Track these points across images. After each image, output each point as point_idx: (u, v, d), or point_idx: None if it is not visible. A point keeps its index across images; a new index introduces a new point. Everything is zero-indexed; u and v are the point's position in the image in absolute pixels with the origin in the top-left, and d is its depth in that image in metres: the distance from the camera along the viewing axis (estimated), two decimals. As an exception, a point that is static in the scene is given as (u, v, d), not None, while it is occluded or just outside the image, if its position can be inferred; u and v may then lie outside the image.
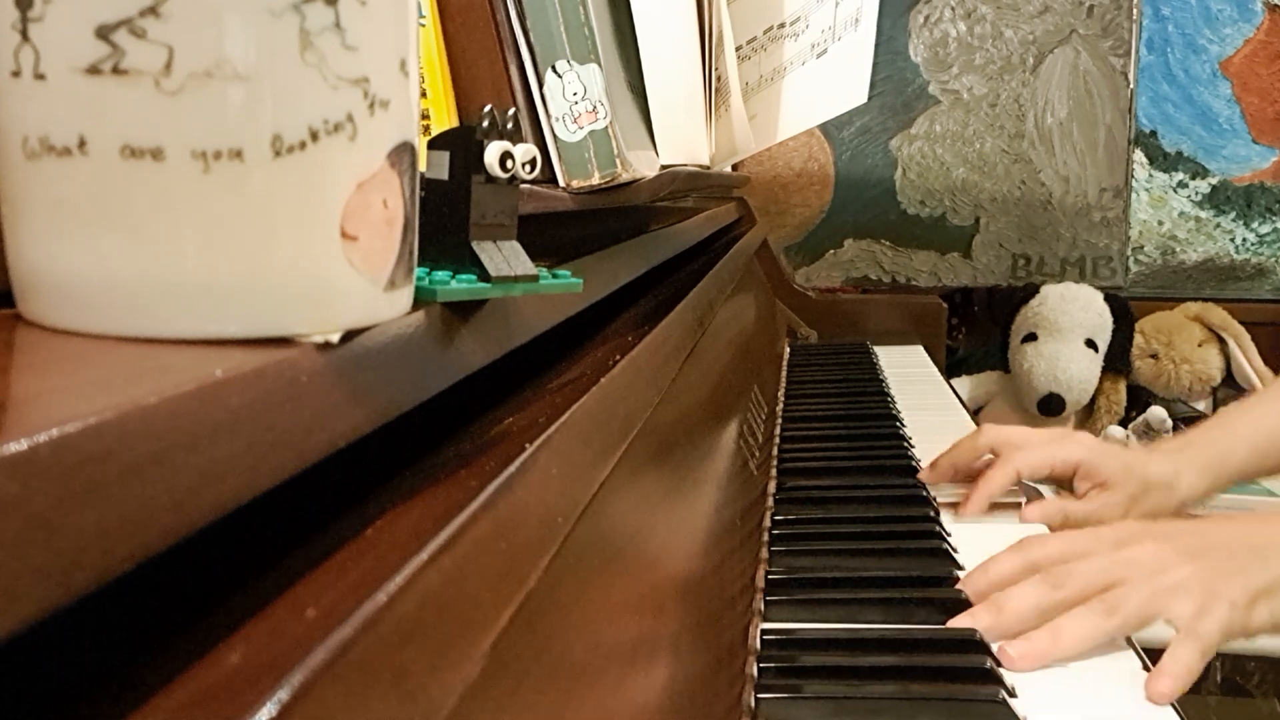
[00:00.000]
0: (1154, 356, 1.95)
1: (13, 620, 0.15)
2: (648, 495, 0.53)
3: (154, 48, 0.22)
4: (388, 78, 0.25)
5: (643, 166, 0.64)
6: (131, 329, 0.23)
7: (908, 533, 0.80)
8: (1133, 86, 2.07)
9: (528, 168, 0.33)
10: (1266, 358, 1.90)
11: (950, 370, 1.90)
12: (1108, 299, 1.92)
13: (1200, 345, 1.92)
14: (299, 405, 0.23)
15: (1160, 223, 2.12)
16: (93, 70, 0.22)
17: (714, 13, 0.95)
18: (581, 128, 0.59)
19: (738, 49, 1.19)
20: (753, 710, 0.54)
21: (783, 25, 1.19)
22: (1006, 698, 0.55)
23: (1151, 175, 2.11)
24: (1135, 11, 2.06)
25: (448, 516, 0.27)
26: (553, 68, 0.58)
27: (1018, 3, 2.08)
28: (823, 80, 1.15)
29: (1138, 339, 1.95)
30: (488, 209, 0.33)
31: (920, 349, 1.67)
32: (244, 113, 0.22)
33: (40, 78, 0.22)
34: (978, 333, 2.17)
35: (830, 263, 2.17)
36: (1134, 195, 2.11)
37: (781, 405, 1.22)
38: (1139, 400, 1.95)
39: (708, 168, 0.98)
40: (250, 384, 0.21)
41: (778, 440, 1.06)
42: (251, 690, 0.18)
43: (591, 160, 0.59)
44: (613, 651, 0.39)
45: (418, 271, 0.30)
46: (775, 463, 0.97)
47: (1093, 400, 1.92)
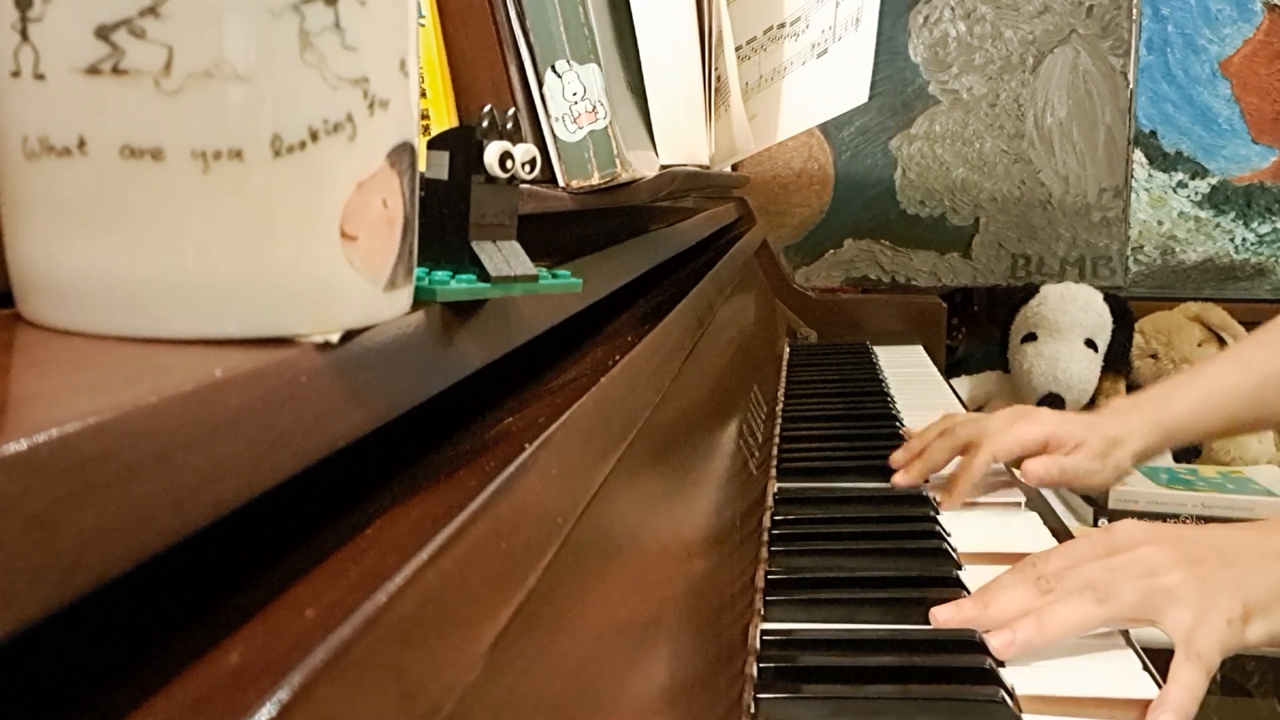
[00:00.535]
0: (1154, 356, 1.95)
1: (13, 620, 0.15)
2: (648, 495, 0.53)
3: (154, 48, 0.22)
4: (387, 78, 0.25)
5: (642, 166, 0.64)
6: (131, 329, 0.23)
7: (908, 533, 0.80)
8: (1132, 86, 2.07)
9: (527, 168, 0.33)
10: (1266, 358, 1.90)
11: (950, 370, 1.90)
12: (1107, 299, 1.92)
13: (1200, 345, 1.92)
14: (299, 405, 0.23)
15: (1160, 223, 2.13)
16: (92, 70, 0.22)
17: (714, 13, 0.95)
18: (581, 128, 0.59)
19: (738, 49, 1.19)
20: (752, 710, 0.54)
21: (783, 25, 1.19)
22: (1006, 698, 0.55)
23: (1151, 175, 2.11)
24: (1135, 11, 2.06)
25: (448, 516, 0.27)
26: (552, 68, 0.58)
27: (1017, 3, 2.08)
28: (823, 80, 1.15)
29: (1137, 339, 1.95)
30: (487, 209, 0.33)
31: (920, 349, 1.67)
32: (244, 113, 0.22)
33: (40, 78, 0.22)
34: (977, 333, 2.17)
35: (830, 263, 2.17)
36: (1134, 195, 2.11)
37: (781, 405, 1.22)
38: (1139, 400, 1.95)
39: (707, 168, 0.98)
40: (250, 384, 0.21)
41: (777, 440, 1.06)
42: (251, 690, 0.18)
43: (591, 160, 0.59)
44: (612, 651, 0.39)
45: (417, 271, 0.30)
46: (775, 463, 0.98)
47: (1093, 400, 1.92)
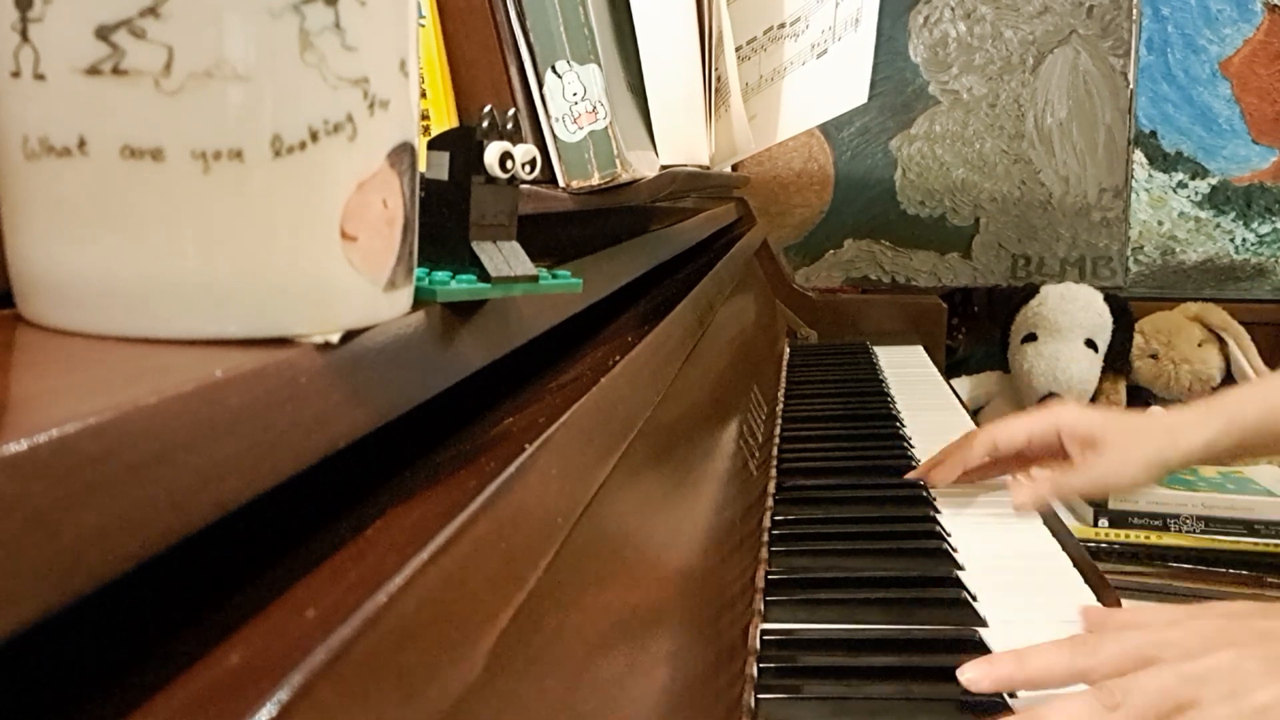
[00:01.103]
0: (1154, 357, 1.95)
1: (13, 620, 0.15)
2: (648, 495, 0.53)
3: (154, 48, 0.22)
4: (387, 78, 0.25)
5: (642, 167, 0.64)
6: (131, 329, 0.23)
7: (908, 533, 0.80)
8: (1132, 87, 2.07)
9: (527, 168, 0.33)
10: (1266, 358, 1.90)
11: (950, 370, 1.90)
12: (1107, 299, 1.92)
13: (1200, 345, 1.92)
14: (299, 405, 0.23)
15: (1160, 223, 2.12)
16: (93, 70, 0.22)
17: (714, 13, 0.95)
18: (581, 128, 0.59)
19: (738, 49, 1.19)
20: (753, 710, 0.54)
21: (783, 25, 1.19)
22: (1006, 698, 0.55)
23: (1151, 175, 2.11)
24: (1135, 12, 2.06)
25: (448, 516, 0.27)
26: (553, 68, 0.58)
27: (1017, 3, 2.08)
28: (823, 80, 1.14)
29: (1137, 339, 1.95)
30: (487, 209, 0.33)
31: (920, 349, 1.67)
32: (244, 113, 0.22)
33: (40, 78, 0.22)
34: (978, 333, 2.17)
35: (830, 263, 2.17)
36: (1134, 195, 2.11)
37: (781, 405, 1.22)
38: (1139, 400, 1.96)
39: (707, 168, 0.98)
40: (250, 384, 0.21)
41: (777, 440, 1.06)
42: (251, 690, 0.18)
43: (591, 160, 0.59)
44: (612, 651, 0.39)
45: (418, 272, 0.30)
46: (775, 463, 0.98)
47: (1093, 400, 1.92)
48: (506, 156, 0.32)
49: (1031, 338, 1.92)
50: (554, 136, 0.59)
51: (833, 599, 0.67)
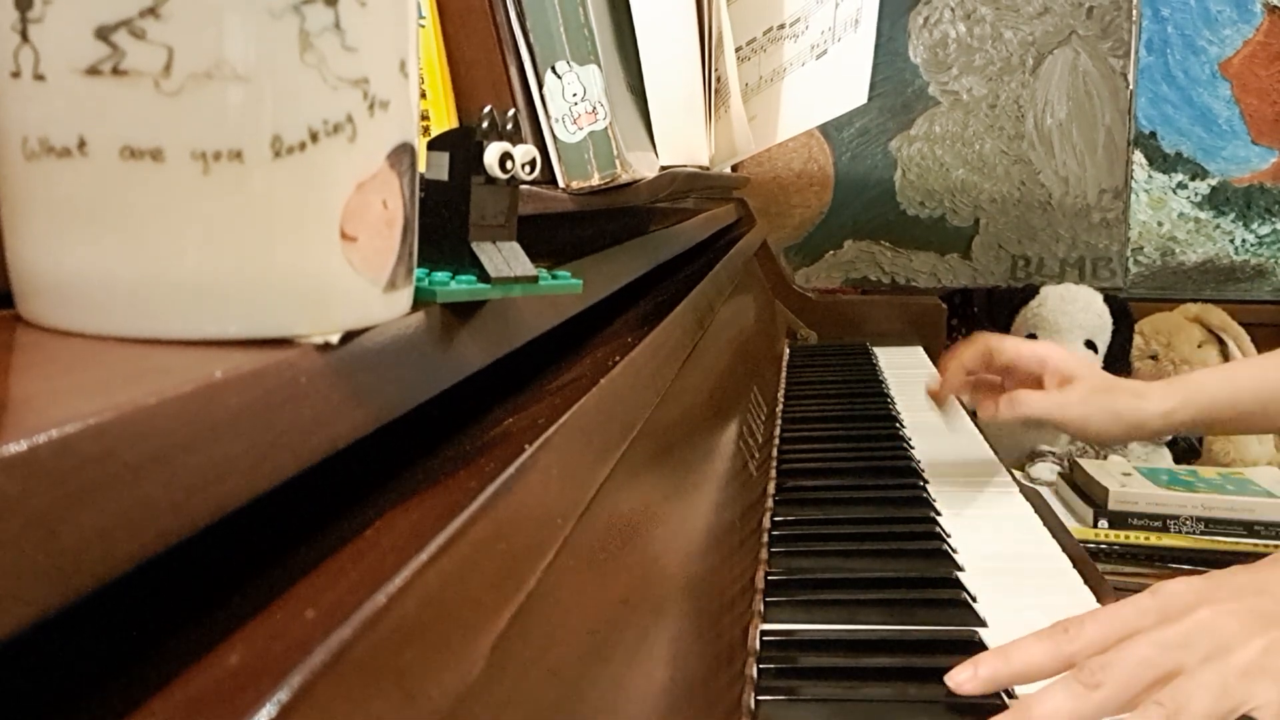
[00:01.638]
0: (1154, 358, 1.95)
1: (13, 620, 0.15)
2: (647, 496, 0.53)
3: (154, 48, 0.22)
4: (387, 78, 0.25)
5: (642, 167, 0.64)
6: (131, 329, 0.23)
7: (907, 533, 0.80)
8: (1132, 87, 2.07)
9: (527, 169, 0.33)
10: (1266, 359, 1.90)
11: (950, 371, 1.90)
12: (1107, 300, 1.92)
13: (1200, 346, 1.92)
14: (298, 406, 0.23)
15: (1160, 224, 2.13)
16: (92, 71, 0.22)
17: (714, 14, 0.95)
18: (581, 129, 0.59)
19: (737, 50, 1.19)
20: (752, 711, 0.54)
21: (782, 26, 1.19)
22: (1005, 699, 0.55)
23: (1151, 176, 2.11)
24: (1135, 13, 2.06)
25: (448, 517, 0.27)
26: (552, 69, 0.59)
27: (1017, 4, 2.08)
28: (822, 81, 1.15)
29: (1137, 340, 1.95)
30: (487, 210, 0.33)
31: (920, 350, 1.67)
32: (244, 113, 0.22)
33: (40, 78, 0.22)
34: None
35: (830, 263, 2.17)
36: (1133, 196, 2.11)
37: (781, 406, 1.22)
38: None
39: (707, 169, 0.98)
40: (250, 384, 0.21)
41: (777, 441, 1.06)
42: (251, 690, 0.18)
43: (591, 161, 0.59)
44: (612, 652, 0.39)
45: (417, 272, 0.30)
46: (775, 463, 0.98)
47: (1092, 401, 1.92)
48: (506, 157, 0.32)
49: (1031, 338, 1.92)
50: (554, 137, 0.59)
51: (832, 600, 0.67)
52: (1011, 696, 0.55)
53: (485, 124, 0.32)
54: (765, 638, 0.62)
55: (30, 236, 0.24)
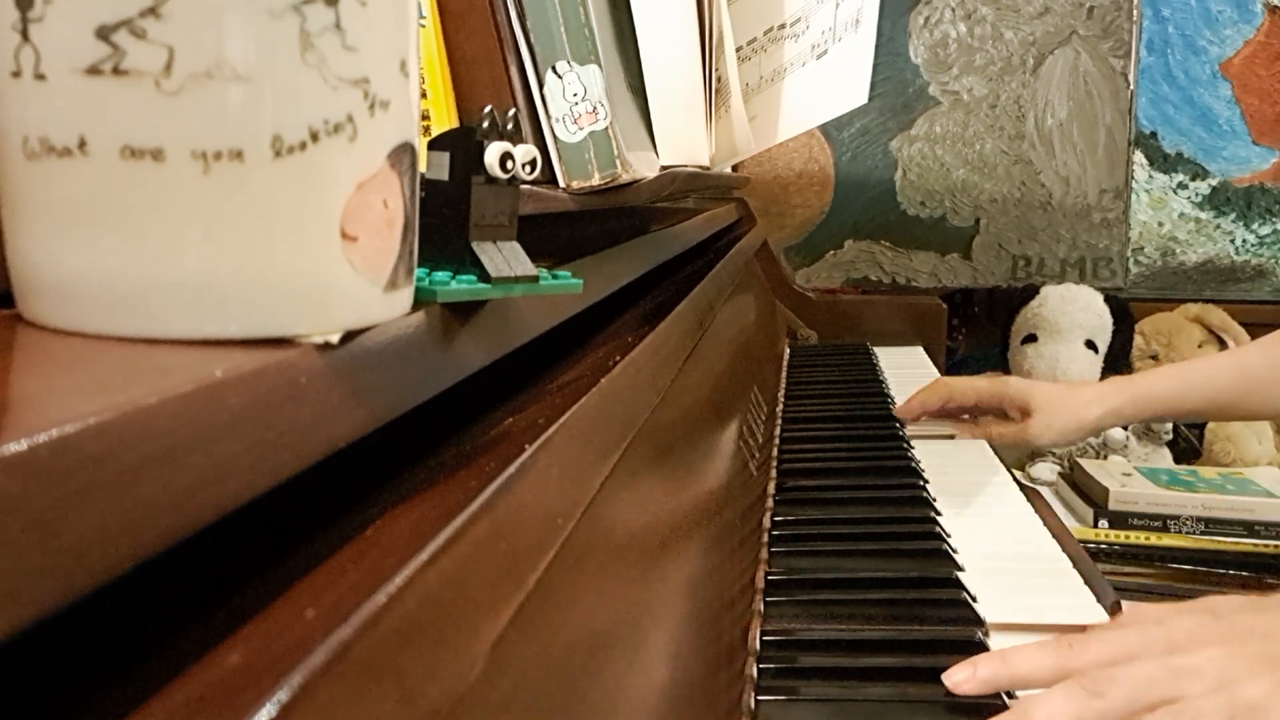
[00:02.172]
0: (1154, 358, 1.95)
1: (13, 620, 0.15)
2: (648, 496, 0.53)
3: (154, 48, 0.22)
4: (388, 78, 0.25)
5: (643, 167, 0.64)
6: (131, 329, 0.23)
7: (907, 533, 0.80)
8: (1133, 88, 2.07)
9: (528, 168, 0.33)
10: (1266, 359, 1.90)
11: (950, 371, 1.90)
12: (1108, 300, 1.92)
13: (1200, 346, 1.92)
14: (299, 405, 0.23)
15: (1160, 224, 2.12)
16: (93, 71, 0.22)
17: (714, 13, 0.95)
18: (582, 128, 0.59)
19: (738, 50, 1.19)
20: (752, 711, 0.54)
21: (783, 26, 1.19)
22: (1005, 699, 0.55)
23: (1151, 176, 2.11)
24: (1135, 13, 2.06)
25: (448, 517, 0.27)
26: (553, 68, 0.59)
27: (1018, 4, 2.08)
28: (823, 81, 1.14)
29: (1138, 340, 1.95)
30: (488, 210, 0.33)
31: (920, 350, 1.67)
32: (244, 113, 0.22)
33: (40, 78, 0.22)
34: (978, 334, 2.17)
35: (830, 263, 2.17)
36: (1134, 196, 2.11)
37: (781, 406, 1.22)
38: (1139, 401, 1.95)
39: (708, 168, 0.98)
40: (250, 384, 0.21)
41: (777, 441, 1.06)
42: (251, 690, 0.18)
43: (591, 161, 0.59)
44: (612, 652, 0.39)
45: (418, 272, 0.30)
46: (775, 463, 0.98)
47: (1093, 401, 1.92)
48: (507, 157, 0.32)
49: (1031, 339, 1.92)
50: (554, 137, 0.59)
51: (833, 600, 0.67)
52: (1011, 697, 0.56)
53: (486, 124, 0.32)
54: (765, 638, 0.62)
55: (30, 236, 0.24)
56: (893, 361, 1.53)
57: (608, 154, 0.59)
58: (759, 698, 0.55)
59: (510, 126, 0.33)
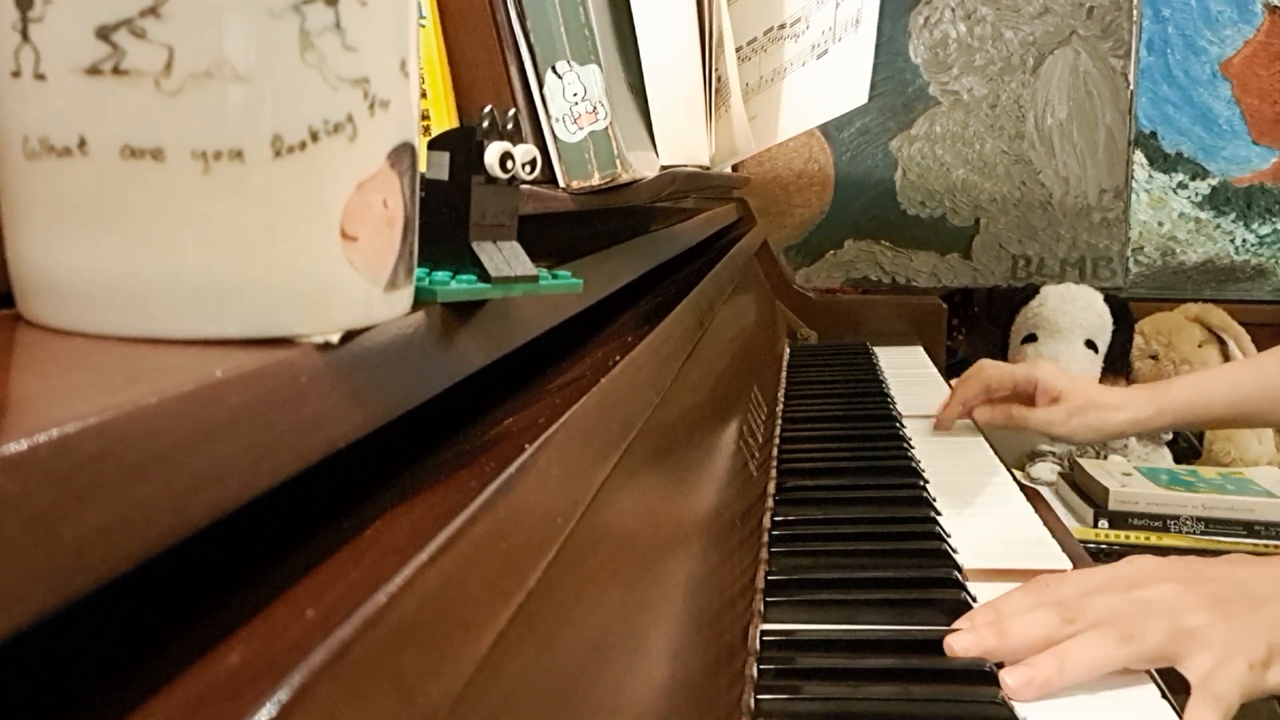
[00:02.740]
0: (1154, 357, 1.95)
1: (13, 620, 0.15)
2: (648, 496, 0.53)
3: (154, 48, 0.22)
4: (388, 78, 0.25)
5: (643, 167, 0.64)
6: (131, 329, 0.23)
7: (908, 533, 0.80)
8: (1133, 87, 2.07)
9: (528, 168, 0.33)
10: (1266, 359, 1.90)
11: (950, 371, 1.89)
12: (1108, 300, 1.92)
13: (1200, 346, 1.92)
14: (299, 405, 0.23)
15: (1160, 224, 2.12)
16: (93, 70, 0.22)
17: (714, 13, 0.95)
18: (581, 128, 0.59)
19: (738, 50, 1.19)
20: (752, 711, 0.54)
21: (783, 26, 1.19)
22: (1006, 699, 0.55)
23: (1151, 176, 2.11)
24: (1135, 13, 2.06)
25: (448, 517, 0.27)
26: (553, 68, 0.59)
27: (1018, 4, 2.08)
28: (823, 81, 1.14)
29: (1137, 340, 1.95)
30: (488, 209, 0.33)
31: (920, 349, 1.67)
32: (244, 113, 0.22)
33: (40, 78, 0.22)
34: (978, 333, 2.17)
35: (830, 263, 2.17)
36: (1134, 196, 2.11)
37: (781, 406, 1.22)
38: (1139, 401, 1.95)
39: (708, 168, 0.98)
40: (250, 384, 0.21)
41: (777, 441, 1.06)
42: (251, 690, 0.18)
43: (591, 161, 0.59)
44: (612, 652, 0.39)
45: (418, 272, 0.30)
46: (775, 463, 0.98)
47: (1093, 401, 1.92)
48: (507, 157, 0.32)
49: (1031, 338, 1.92)
50: (554, 137, 0.59)
51: (833, 600, 0.67)
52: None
53: (486, 123, 0.32)
54: (765, 638, 0.62)
55: (30, 236, 0.24)
56: (893, 361, 1.53)
57: (608, 154, 0.59)
58: (759, 697, 0.55)
59: (510, 126, 0.33)
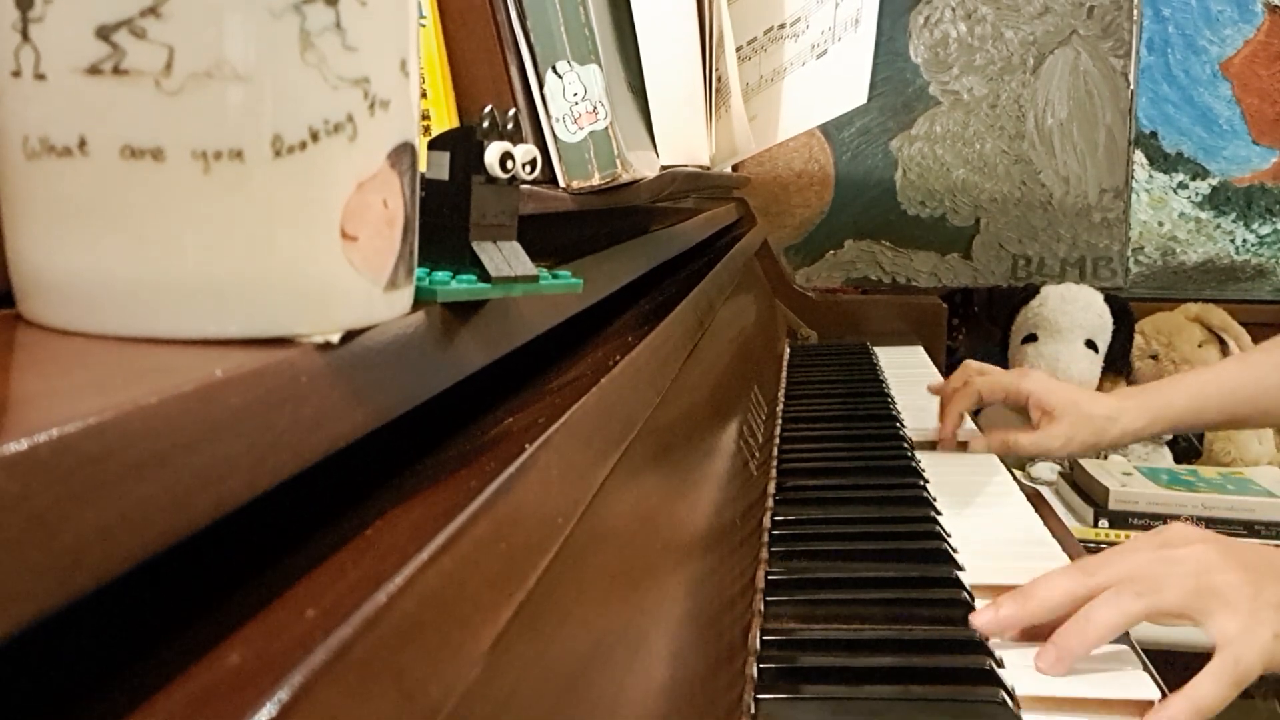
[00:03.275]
0: (1154, 357, 1.95)
1: (13, 620, 0.15)
2: (648, 496, 0.53)
3: (154, 48, 0.22)
4: (388, 78, 0.25)
5: (643, 167, 0.64)
6: (131, 329, 0.23)
7: (908, 533, 0.80)
8: (1133, 87, 2.07)
9: (528, 168, 0.33)
10: (1266, 359, 1.89)
11: (950, 371, 1.90)
12: (1108, 300, 1.92)
13: (1200, 346, 1.92)
14: (299, 405, 0.23)
15: (1160, 223, 2.12)
16: (93, 70, 0.22)
17: (714, 13, 0.95)
18: (582, 128, 0.59)
19: (738, 49, 1.19)
20: (753, 711, 0.54)
21: (783, 26, 1.19)
22: (1006, 698, 0.55)
23: (1152, 176, 2.11)
24: (1135, 12, 2.06)
25: (448, 516, 0.27)
26: (553, 68, 0.58)
27: (1018, 3, 2.08)
28: (823, 81, 1.14)
29: (1138, 340, 1.95)
30: (488, 209, 0.33)
31: (920, 349, 1.67)
32: (244, 113, 0.22)
33: (40, 78, 0.22)
34: (978, 333, 2.17)
35: (830, 263, 2.17)
36: (1134, 196, 2.11)
37: (781, 405, 1.22)
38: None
39: (708, 168, 0.98)
40: (250, 384, 0.21)
41: (778, 440, 1.06)
42: (251, 690, 0.18)
43: (591, 161, 0.59)
44: (612, 652, 0.39)
45: (418, 272, 0.30)
46: (775, 463, 0.98)
47: (1093, 401, 1.92)
48: (507, 156, 0.32)
49: (1032, 338, 1.92)
50: (554, 137, 0.59)
51: (833, 600, 0.67)
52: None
53: (486, 123, 0.32)
54: (765, 637, 0.62)
55: (31, 236, 0.24)
56: (893, 361, 1.53)
57: (608, 154, 0.59)
58: (759, 697, 0.55)
59: (510, 126, 0.33)
